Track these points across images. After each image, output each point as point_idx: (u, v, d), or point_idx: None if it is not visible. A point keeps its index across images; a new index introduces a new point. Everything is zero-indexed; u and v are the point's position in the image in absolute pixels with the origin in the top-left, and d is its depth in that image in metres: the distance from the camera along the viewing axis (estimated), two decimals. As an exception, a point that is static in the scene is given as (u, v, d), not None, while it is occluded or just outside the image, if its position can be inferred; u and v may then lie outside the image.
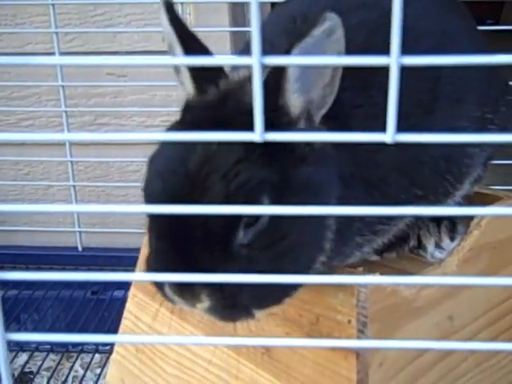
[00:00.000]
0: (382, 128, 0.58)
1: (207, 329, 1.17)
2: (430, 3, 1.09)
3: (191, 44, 0.91)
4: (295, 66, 0.83)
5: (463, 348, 1.01)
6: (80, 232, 2.32)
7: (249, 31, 2.07)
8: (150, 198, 0.86)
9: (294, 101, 0.85)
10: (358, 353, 0.93)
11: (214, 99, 0.88)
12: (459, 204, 1.15)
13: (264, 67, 0.59)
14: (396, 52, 0.55)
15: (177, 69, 0.96)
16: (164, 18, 0.92)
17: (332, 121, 0.88)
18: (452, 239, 1.10)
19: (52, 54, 2.08)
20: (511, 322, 1.16)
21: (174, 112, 2.21)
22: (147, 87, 2.20)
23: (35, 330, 2.15)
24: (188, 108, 0.93)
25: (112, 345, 1.41)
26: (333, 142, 0.86)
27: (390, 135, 0.59)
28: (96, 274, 0.68)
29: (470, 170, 1.11)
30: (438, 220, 1.12)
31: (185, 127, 0.88)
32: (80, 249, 2.34)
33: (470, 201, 1.18)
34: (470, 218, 1.11)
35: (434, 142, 0.64)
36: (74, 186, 2.27)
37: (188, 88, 0.93)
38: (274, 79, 0.83)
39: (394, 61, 0.56)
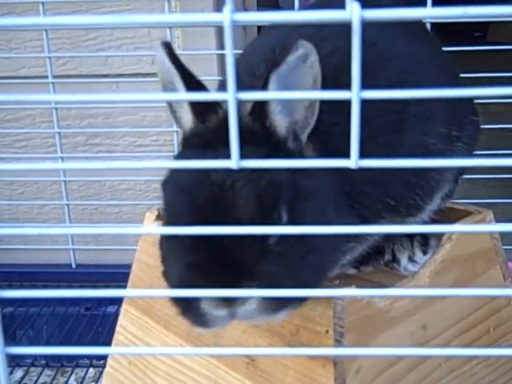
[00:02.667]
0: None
1: (197, 341, 1.23)
2: (398, 31, 1.16)
3: (190, 80, 0.96)
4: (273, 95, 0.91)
5: (435, 354, 1.07)
6: (74, 249, 2.38)
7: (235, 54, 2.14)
8: (177, 215, 0.90)
9: (279, 121, 0.92)
10: (335, 361, 0.99)
11: (216, 124, 0.94)
12: (432, 218, 1.22)
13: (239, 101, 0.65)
14: (357, 87, 0.62)
15: (171, 106, 1.02)
16: (163, 57, 0.97)
17: (314, 138, 0.96)
18: (424, 253, 1.16)
19: (45, 77, 2.16)
20: (482, 331, 1.22)
21: (164, 132, 2.29)
22: (138, 108, 2.27)
23: (31, 345, 2.20)
24: (192, 135, 0.97)
25: (105, 359, 1.46)
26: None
27: (353, 161, 0.65)
28: (91, 291, 0.73)
29: (440, 185, 1.18)
30: (411, 235, 1.18)
31: (192, 152, 0.94)
32: (74, 266, 2.39)
33: (442, 215, 1.24)
34: (442, 233, 1.18)
35: (394, 166, 0.70)
36: (68, 205, 2.33)
37: (187, 121, 0.98)
38: (260, 103, 0.91)
39: (355, 95, 0.63)
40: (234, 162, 0.66)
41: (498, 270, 1.25)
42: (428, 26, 2.05)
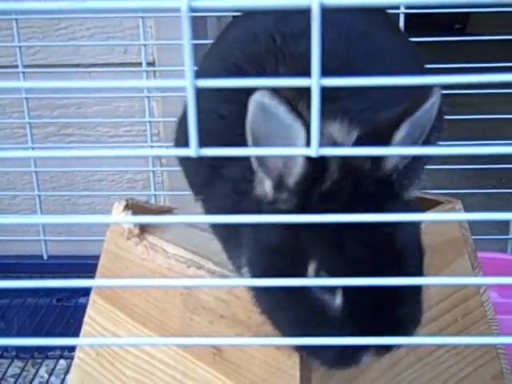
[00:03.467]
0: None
1: (164, 332, 1.22)
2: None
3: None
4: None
5: (402, 343, 1.07)
6: (45, 240, 2.36)
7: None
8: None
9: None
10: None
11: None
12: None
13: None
14: (317, 74, 0.62)
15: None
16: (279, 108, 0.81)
17: None
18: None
19: (16, 66, 2.13)
20: (450, 320, 1.22)
21: (137, 122, 2.27)
22: (111, 99, 2.25)
23: (1, 336, 2.18)
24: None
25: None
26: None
27: (314, 150, 0.65)
28: (60, 281, 0.72)
29: (414, 174, 1.18)
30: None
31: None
32: (45, 257, 2.37)
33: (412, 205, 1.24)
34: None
35: (362, 154, 0.70)
36: (39, 196, 2.31)
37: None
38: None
39: (315, 82, 0.62)
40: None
41: (467, 260, 1.25)
42: (402, 18, 2.05)
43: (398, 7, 2.03)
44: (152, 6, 0.61)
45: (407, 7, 2.01)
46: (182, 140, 1.22)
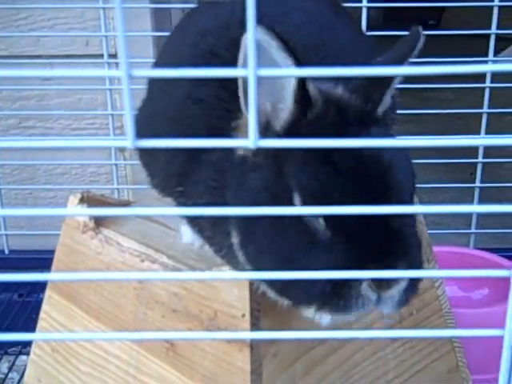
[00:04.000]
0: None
1: (118, 327, 1.21)
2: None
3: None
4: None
5: (355, 337, 1.07)
6: (6, 235, 2.33)
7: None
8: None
9: None
10: (252, 345, 0.99)
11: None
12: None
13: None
14: (253, 64, 0.61)
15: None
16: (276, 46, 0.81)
17: None
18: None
19: (-26, 57, 2.10)
20: (405, 314, 1.22)
21: (100, 115, 2.25)
22: (73, 91, 2.22)
23: (-40, 332, 2.16)
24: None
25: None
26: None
27: (251, 141, 0.64)
28: (19, 275, 0.71)
29: None
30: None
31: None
32: (7, 251, 2.34)
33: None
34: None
35: (297, 146, 0.69)
36: (0, 189, 2.28)
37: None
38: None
39: (251, 72, 0.61)
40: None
41: (422, 254, 1.25)
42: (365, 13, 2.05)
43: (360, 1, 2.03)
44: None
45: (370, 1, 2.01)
46: (142, 132, 1.21)
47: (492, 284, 1.79)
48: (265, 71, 0.61)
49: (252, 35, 0.58)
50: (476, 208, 1.23)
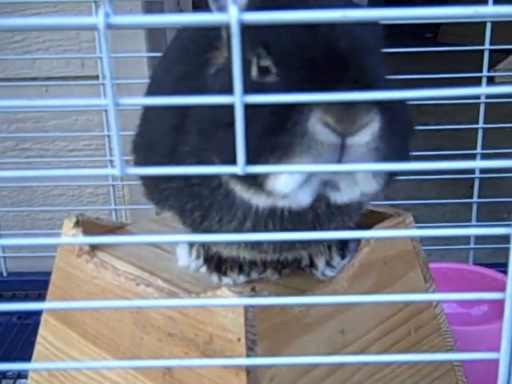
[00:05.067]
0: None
1: (115, 351, 1.20)
2: None
3: None
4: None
5: (352, 361, 1.07)
6: (4, 257, 2.32)
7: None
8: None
9: None
10: (248, 369, 0.98)
11: None
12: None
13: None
14: (239, 92, 0.60)
15: None
16: None
17: None
18: (342, 257, 1.15)
19: (-29, 80, 2.10)
20: (403, 333, 1.21)
21: (97, 136, 2.25)
22: (69, 112, 2.23)
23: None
24: None
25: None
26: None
27: (240, 168, 0.64)
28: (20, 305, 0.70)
29: None
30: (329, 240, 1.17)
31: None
32: (5, 274, 2.34)
33: (362, 218, 1.23)
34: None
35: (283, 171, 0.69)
36: (-3, 212, 2.28)
37: None
38: None
39: (237, 100, 0.61)
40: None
41: (419, 272, 1.25)
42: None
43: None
44: (70, 23, 0.59)
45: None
46: (140, 158, 1.22)
47: (491, 301, 1.78)
48: None
49: (238, 65, 0.58)
50: (472, 231, 1.23)
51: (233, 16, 0.58)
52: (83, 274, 1.28)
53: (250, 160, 0.61)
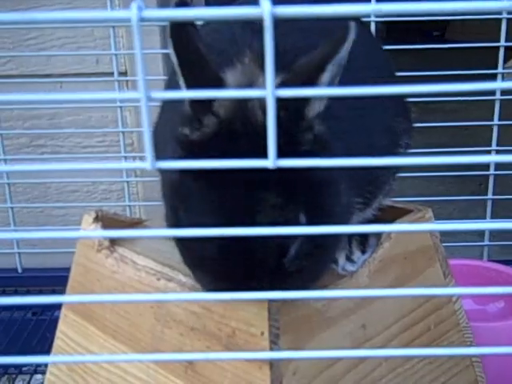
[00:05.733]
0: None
1: (135, 346, 1.21)
2: None
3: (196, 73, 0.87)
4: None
5: (373, 355, 1.07)
6: (19, 253, 2.33)
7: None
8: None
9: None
10: (271, 363, 0.98)
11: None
12: (373, 215, 1.21)
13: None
14: (271, 85, 0.61)
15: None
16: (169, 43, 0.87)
17: None
18: (363, 252, 1.15)
19: (-15, 77, 2.11)
20: (423, 329, 1.22)
21: (111, 132, 2.26)
22: (83, 109, 2.24)
23: (-26, 352, 2.16)
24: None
25: (49, 365, 1.44)
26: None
27: (271, 161, 0.64)
28: (38, 298, 0.71)
29: (386, 182, 1.17)
30: (349, 234, 1.17)
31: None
32: (20, 270, 2.34)
33: (382, 213, 1.24)
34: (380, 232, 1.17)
35: (315, 165, 0.69)
36: (12, 208, 2.28)
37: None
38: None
39: (269, 93, 0.61)
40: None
41: (438, 268, 1.25)
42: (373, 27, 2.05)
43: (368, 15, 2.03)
44: (103, 16, 0.60)
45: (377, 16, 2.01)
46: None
47: (507, 297, 1.78)
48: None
49: (270, 57, 0.58)
50: (489, 225, 1.22)
51: (265, 9, 0.58)
52: (103, 269, 1.28)
53: None
